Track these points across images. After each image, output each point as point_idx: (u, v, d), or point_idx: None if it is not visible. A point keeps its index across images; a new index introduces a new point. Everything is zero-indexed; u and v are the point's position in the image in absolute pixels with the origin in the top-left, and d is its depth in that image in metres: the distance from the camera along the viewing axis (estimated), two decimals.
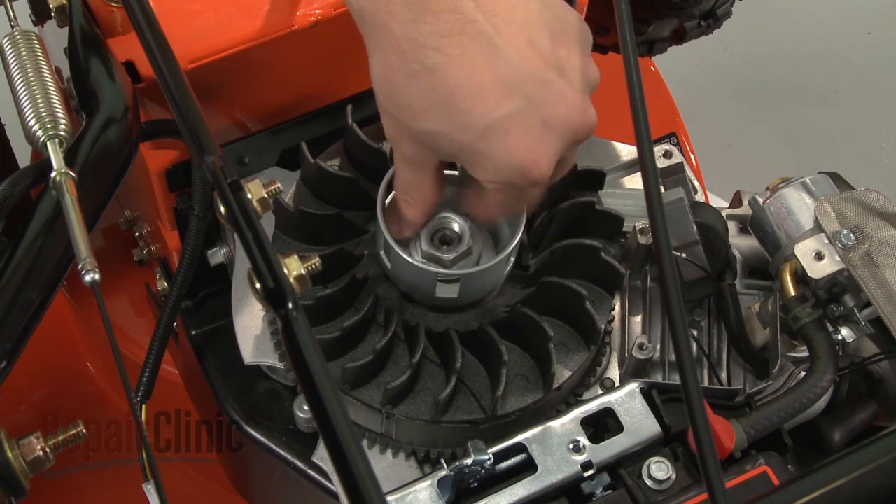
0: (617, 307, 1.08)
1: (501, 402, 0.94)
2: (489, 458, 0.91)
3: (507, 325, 0.97)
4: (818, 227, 1.02)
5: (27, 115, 0.85)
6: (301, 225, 1.00)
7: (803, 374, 0.99)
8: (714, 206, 1.10)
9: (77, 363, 1.61)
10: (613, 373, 1.06)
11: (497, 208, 0.92)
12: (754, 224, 1.08)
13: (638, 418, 0.95)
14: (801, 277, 1.01)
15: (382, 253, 0.97)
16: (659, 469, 0.92)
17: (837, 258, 0.99)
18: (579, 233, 1.01)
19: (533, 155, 0.80)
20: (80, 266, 0.71)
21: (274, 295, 0.67)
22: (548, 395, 0.96)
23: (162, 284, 1.31)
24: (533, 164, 0.80)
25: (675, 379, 1.05)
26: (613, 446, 0.93)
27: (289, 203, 1.00)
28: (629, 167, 1.18)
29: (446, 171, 0.96)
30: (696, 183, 1.18)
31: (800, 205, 1.04)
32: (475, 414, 0.96)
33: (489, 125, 0.79)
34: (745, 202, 1.11)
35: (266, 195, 0.75)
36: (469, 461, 0.90)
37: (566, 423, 0.95)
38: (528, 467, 0.92)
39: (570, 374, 0.97)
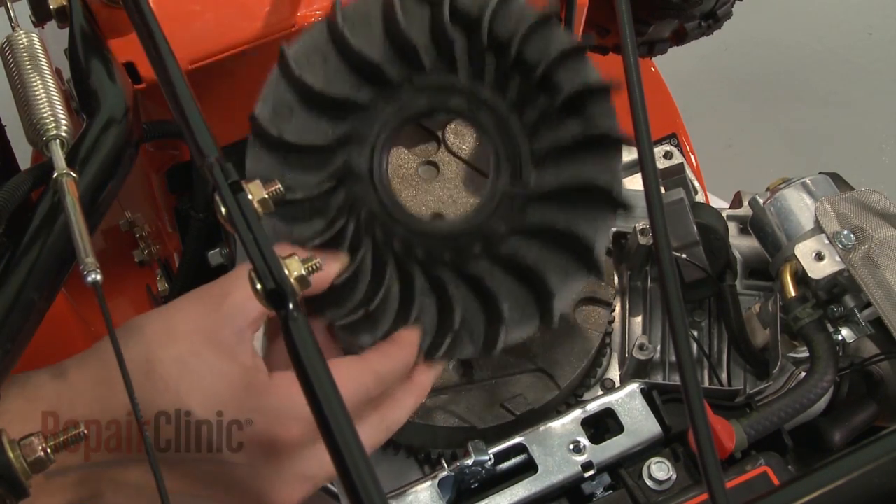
0: (617, 308, 1.08)
1: (503, 335, 0.87)
2: (490, 459, 0.91)
3: (505, 261, 0.89)
4: (818, 228, 1.02)
5: (28, 115, 0.85)
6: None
7: (803, 374, 1.00)
8: (714, 206, 1.10)
9: None
10: (614, 373, 1.06)
11: None
12: (755, 225, 1.08)
13: (638, 419, 0.95)
14: (801, 278, 1.01)
15: None
16: (659, 469, 0.93)
17: (838, 259, 1.00)
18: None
19: None
20: (81, 267, 0.71)
21: (274, 295, 0.67)
22: (546, 324, 0.89)
23: (163, 285, 1.31)
24: None
25: (676, 379, 1.05)
26: (614, 447, 0.93)
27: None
28: (629, 168, 1.18)
29: None
30: (696, 184, 1.18)
31: (800, 205, 1.04)
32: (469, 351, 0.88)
33: None
34: (746, 203, 1.12)
35: (266, 195, 0.74)
36: (469, 461, 0.90)
37: (566, 423, 0.95)
38: (529, 468, 0.93)
39: (567, 304, 0.90)
